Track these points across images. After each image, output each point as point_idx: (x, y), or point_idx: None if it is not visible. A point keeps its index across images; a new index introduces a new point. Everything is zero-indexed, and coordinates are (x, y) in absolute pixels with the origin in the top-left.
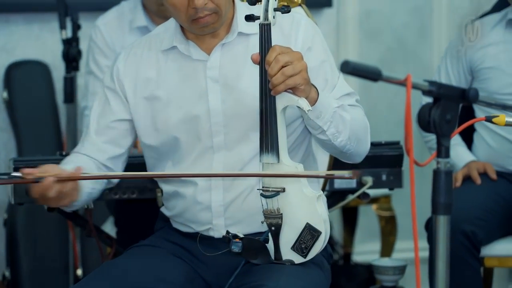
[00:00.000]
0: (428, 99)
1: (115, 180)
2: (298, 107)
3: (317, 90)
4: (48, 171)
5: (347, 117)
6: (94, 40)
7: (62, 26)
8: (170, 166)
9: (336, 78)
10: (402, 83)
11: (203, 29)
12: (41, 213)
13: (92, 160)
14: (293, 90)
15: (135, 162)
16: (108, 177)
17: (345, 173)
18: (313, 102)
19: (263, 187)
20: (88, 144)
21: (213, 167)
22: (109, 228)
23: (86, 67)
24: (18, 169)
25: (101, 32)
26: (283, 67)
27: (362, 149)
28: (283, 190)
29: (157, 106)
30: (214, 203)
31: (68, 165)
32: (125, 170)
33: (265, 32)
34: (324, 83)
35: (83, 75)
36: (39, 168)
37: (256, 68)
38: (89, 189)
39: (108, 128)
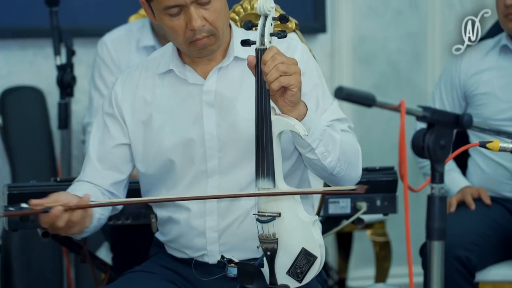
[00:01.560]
0: (422, 125)
1: (119, 207)
2: (293, 131)
3: (306, 105)
4: (58, 200)
5: (337, 136)
6: (101, 55)
7: (57, 52)
8: (164, 191)
9: (328, 103)
10: (396, 109)
11: (200, 51)
12: (35, 239)
13: (97, 187)
14: (285, 92)
15: (130, 188)
16: (116, 204)
17: (352, 187)
18: (301, 117)
19: (258, 212)
20: (90, 171)
21: (208, 192)
22: (104, 253)
23: (91, 83)
24: (11, 195)
25: (107, 48)
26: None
27: (353, 174)
28: (279, 215)
29: (152, 129)
30: (208, 229)
31: (75, 193)
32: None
33: (261, 57)
34: (316, 106)
35: (78, 100)
36: (49, 197)
37: (252, 93)
38: (98, 215)
39: (108, 154)
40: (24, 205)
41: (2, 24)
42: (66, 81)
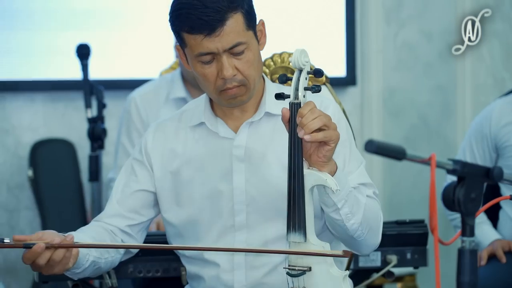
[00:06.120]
0: (453, 177)
1: (134, 250)
2: (326, 186)
3: (336, 164)
4: (42, 238)
5: (362, 200)
6: (129, 112)
7: (88, 105)
8: (190, 245)
9: (355, 166)
10: (427, 162)
11: (230, 101)
12: None
13: (110, 227)
14: (320, 147)
15: (158, 240)
16: (101, 246)
17: (339, 252)
18: (332, 174)
19: (289, 265)
20: (109, 211)
21: (235, 247)
22: None
23: (117, 139)
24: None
25: (136, 104)
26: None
27: (372, 241)
28: (310, 269)
29: (181, 181)
30: (236, 284)
31: (82, 233)
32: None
33: (295, 111)
34: (342, 166)
35: (109, 153)
36: (34, 234)
37: (282, 148)
38: (93, 258)
39: (131, 197)
40: (7, 239)
41: (33, 77)
42: (97, 134)
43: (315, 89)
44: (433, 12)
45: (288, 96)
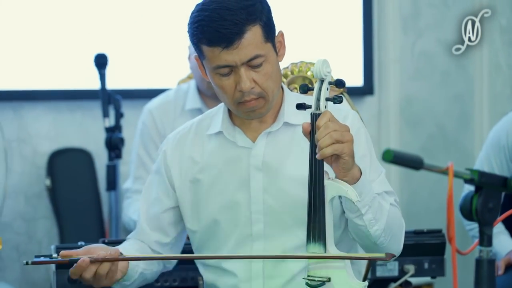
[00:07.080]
0: (470, 187)
1: (172, 265)
2: (345, 197)
3: (360, 169)
4: (90, 251)
5: (386, 206)
6: (146, 124)
7: (105, 114)
8: (208, 254)
9: (375, 175)
10: (444, 171)
11: (249, 113)
12: None
13: (144, 243)
14: (337, 159)
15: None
16: (146, 259)
17: (381, 255)
18: (354, 181)
19: (308, 276)
20: (139, 230)
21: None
22: None
23: (134, 150)
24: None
25: (152, 116)
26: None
27: (394, 247)
28: (329, 280)
29: (199, 190)
30: None
31: (128, 247)
32: None
33: (316, 121)
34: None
35: (126, 162)
36: (82, 249)
37: (300, 158)
38: (141, 269)
39: (158, 218)
40: (54, 255)
41: (51, 87)
42: (114, 143)
43: (337, 99)
44: (450, 21)
45: (310, 107)
